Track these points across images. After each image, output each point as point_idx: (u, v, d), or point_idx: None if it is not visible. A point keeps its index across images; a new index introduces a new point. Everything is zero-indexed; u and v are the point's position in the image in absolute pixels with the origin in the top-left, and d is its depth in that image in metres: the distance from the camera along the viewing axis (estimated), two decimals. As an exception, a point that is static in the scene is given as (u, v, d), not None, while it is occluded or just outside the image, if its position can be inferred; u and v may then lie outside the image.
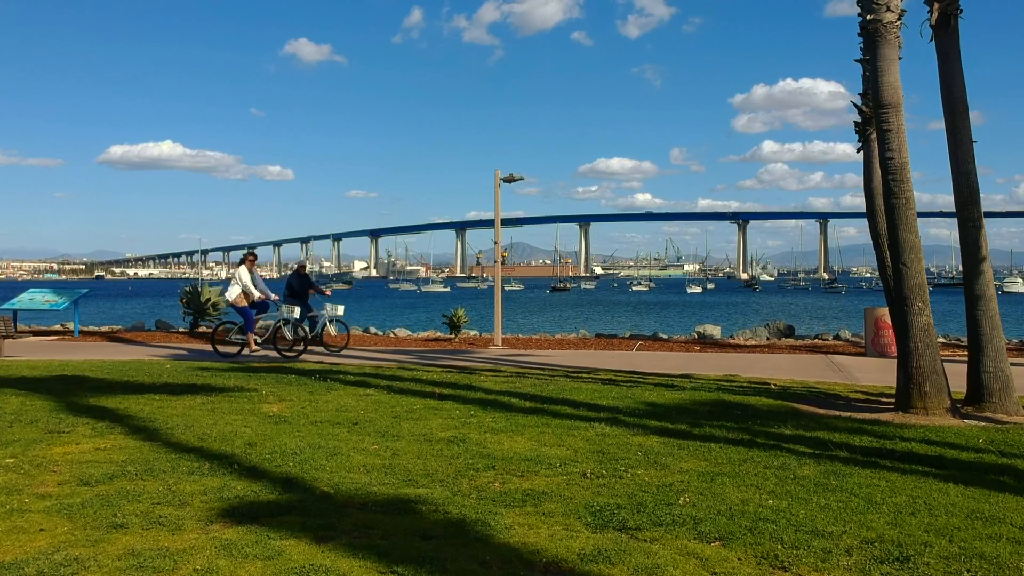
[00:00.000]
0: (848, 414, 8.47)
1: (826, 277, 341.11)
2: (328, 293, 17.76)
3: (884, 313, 16.61)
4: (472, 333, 22.48)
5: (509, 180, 17.00)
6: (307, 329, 15.99)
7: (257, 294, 15.49)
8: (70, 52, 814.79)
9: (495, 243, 19.61)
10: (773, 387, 10.61)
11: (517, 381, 10.65)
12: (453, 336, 20.35)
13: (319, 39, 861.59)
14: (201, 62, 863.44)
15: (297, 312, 15.84)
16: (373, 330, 22.93)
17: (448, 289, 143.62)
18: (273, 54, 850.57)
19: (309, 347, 15.78)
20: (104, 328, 25.03)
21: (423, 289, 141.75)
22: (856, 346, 18.07)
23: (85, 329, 24.37)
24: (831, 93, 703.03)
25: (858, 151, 9.96)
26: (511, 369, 12.97)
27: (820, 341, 19.38)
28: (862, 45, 9.85)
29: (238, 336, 15.65)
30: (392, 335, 22.05)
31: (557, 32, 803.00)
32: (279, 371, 11.67)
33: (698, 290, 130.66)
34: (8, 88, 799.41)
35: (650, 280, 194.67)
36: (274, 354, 15.43)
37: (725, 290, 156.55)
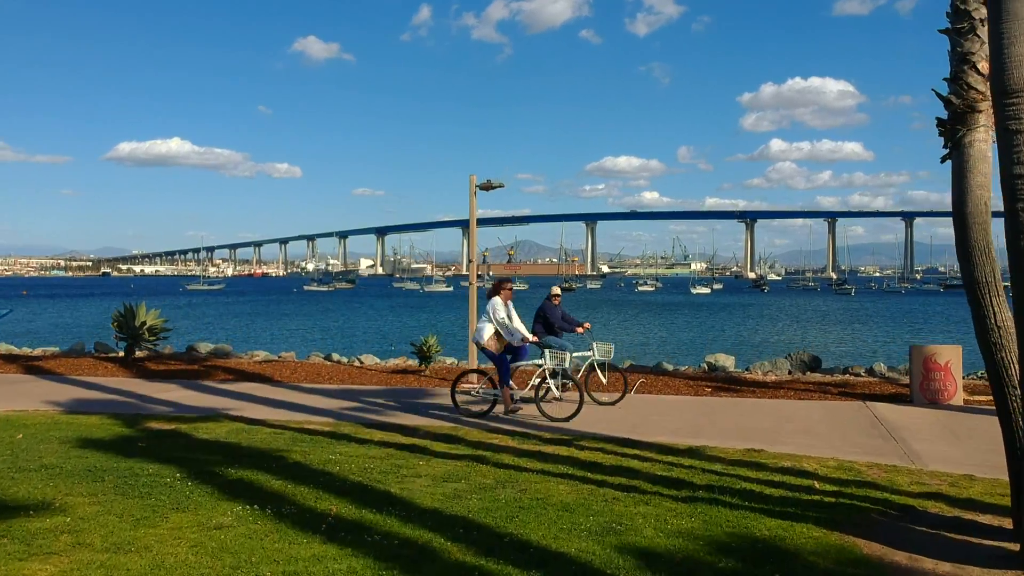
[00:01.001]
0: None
1: (834, 276, 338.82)
2: (588, 327, 13.96)
3: (935, 353, 13.65)
4: (449, 361, 19.60)
5: (486, 188, 14.24)
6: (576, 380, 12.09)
7: (520, 335, 11.85)
8: (78, 49, 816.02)
9: (470, 260, 16.78)
10: (817, 487, 7.66)
11: (465, 477, 7.67)
12: (423, 367, 17.49)
13: (327, 37, 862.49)
14: (210, 59, 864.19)
15: (568, 359, 11.91)
16: (336, 357, 20.09)
17: (451, 288, 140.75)
18: (281, 51, 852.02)
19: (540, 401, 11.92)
20: (37, 351, 22.15)
21: (426, 289, 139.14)
22: (896, 384, 15.12)
23: (15, 352, 21.52)
24: (840, 92, 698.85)
25: (943, 160, 6.98)
26: (473, 437, 10.04)
27: (852, 377, 16.39)
28: (951, 9, 6.91)
29: (488, 391, 11.89)
30: (356, 363, 19.25)
31: (565, 30, 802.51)
32: (163, 458, 8.76)
33: (705, 290, 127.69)
34: (16, 85, 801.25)
35: (656, 280, 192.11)
36: (532, 411, 11.69)
37: (732, 290, 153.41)
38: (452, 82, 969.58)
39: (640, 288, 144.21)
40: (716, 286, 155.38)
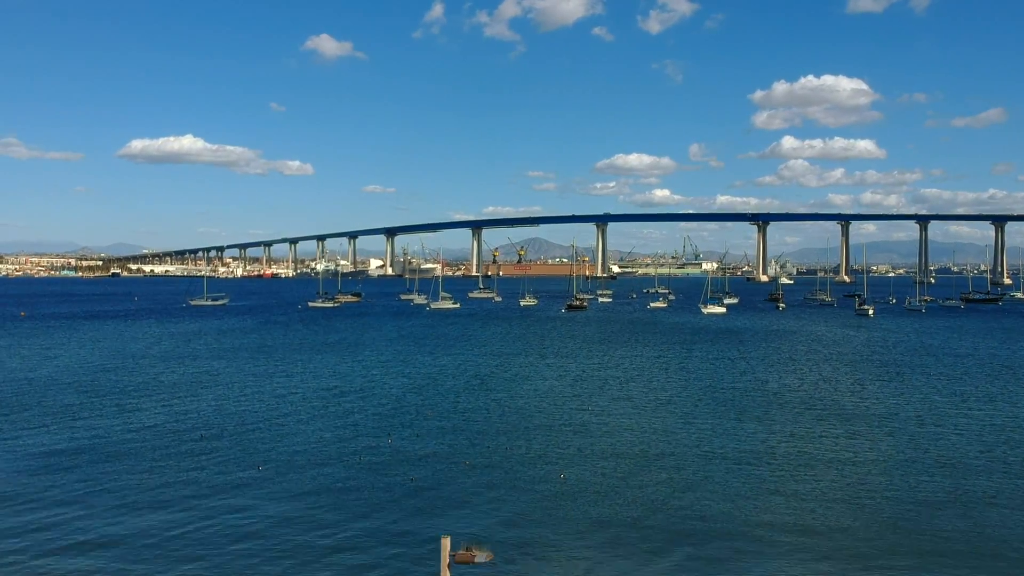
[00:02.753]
0: None
1: (847, 280, 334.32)
2: None
3: None
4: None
5: (464, 560, 10.70)
6: None
7: None
8: (92, 46, 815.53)
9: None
10: None
11: None
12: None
13: (340, 35, 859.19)
14: (222, 57, 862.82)
15: None
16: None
17: (458, 306, 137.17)
18: (294, 49, 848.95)
19: None
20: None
21: (432, 307, 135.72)
22: None
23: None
24: (853, 90, 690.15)
25: None
26: None
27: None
28: None
29: None
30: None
31: (578, 28, 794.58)
32: None
33: (720, 311, 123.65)
34: (31, 83, 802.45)
35: (668, 291, 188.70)
36: None
37: (747, 304, 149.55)
38: (464, 79, 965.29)
39: (652, 305, 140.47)
40: (730, 300, 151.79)
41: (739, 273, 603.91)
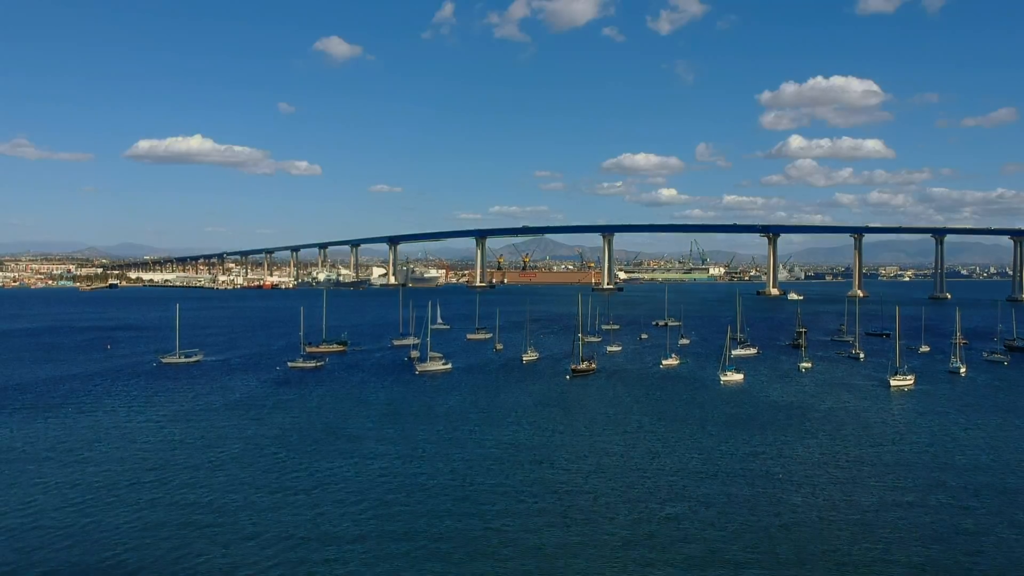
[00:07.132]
0: None
1: (862, 295, 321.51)
2: None
3: None
4: None
5: None
6: None
7: None
8: (102, 47, 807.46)
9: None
10: None
11: None
12: None
13: (350, 37, 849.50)
14: (232, 57, 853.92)
15: None
16: None
17: (449, 367, 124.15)
18: (304, 50, 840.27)
19: None
20: None
21: (420, 369, 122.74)
22: None
23: None
24: (864, 91, 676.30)
25: None
26: None
27: None
28: None
29: None
30: None
31: (588, 28, 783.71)
32: None
33: (738, 378, 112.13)
34: (41, 84, 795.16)
35: (680, 324, 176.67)
36: None
37: (768, 356, 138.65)
38: (473, 80, 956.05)
39: (664, 363, 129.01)
40: (748, 351, 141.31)
41: (747, 278, 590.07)
